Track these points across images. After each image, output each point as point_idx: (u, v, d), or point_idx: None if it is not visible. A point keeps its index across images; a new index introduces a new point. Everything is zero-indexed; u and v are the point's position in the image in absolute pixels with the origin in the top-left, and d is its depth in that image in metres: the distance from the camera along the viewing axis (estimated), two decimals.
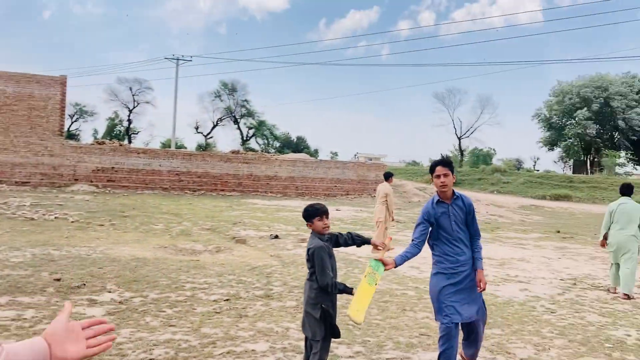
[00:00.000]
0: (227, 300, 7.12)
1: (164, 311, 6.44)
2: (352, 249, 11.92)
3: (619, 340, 6.26)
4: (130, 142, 65.07)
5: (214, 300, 7.07)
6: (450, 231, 4.82)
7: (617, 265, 8.94)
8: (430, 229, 4.87)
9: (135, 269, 8.74)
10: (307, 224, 4.38)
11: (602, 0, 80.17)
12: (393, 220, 12.31)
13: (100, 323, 1.51)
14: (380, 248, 4.84)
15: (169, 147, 50.37)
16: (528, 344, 5.92)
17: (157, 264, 9.35)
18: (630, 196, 9.13)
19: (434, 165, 4.89)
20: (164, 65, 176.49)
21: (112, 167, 28.58)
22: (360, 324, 4.85)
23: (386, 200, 12.16)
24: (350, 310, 4.32)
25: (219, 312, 6.52)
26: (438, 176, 4.81)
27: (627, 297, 8.54)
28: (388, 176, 12.46)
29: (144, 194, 26.96)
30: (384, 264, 4.56)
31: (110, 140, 38.92)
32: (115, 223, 14.80)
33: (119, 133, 68.33)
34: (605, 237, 9.24)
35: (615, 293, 8.90)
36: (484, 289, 4.79)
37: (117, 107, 67.47)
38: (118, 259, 9.61)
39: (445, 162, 4.90)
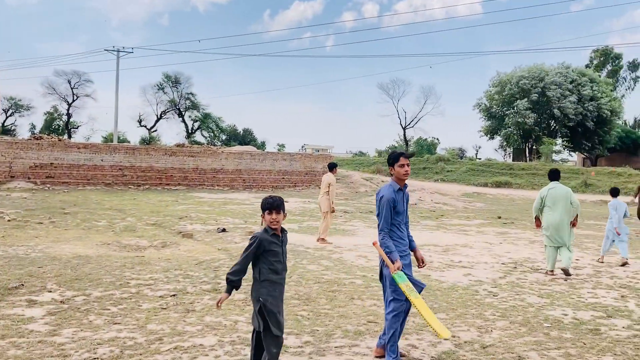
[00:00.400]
0: (173, 295, 7.01)
1: (108, 309, 6.28)
2: (300, 238, 11.95)
3: (557, 319, 6.54)
4: (70, 136, 62.85)
5: (160, 296, 6.95)
6: (403, 216, 5.09)
7: (553, 248, 9.33)
8: None
9: (77, 267, 8.48)
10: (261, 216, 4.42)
11: None
12: (333, 211, 12.40)
13: None
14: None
15: (111, 141, 49.00)
16: (472, 327, 6.11)
17: (100, 261, 9.10)
18: (558, 180, 9.54)
19: (398, 156, 5.11)
20: (104, 57, 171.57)
21: (51, 163, 27.55)
22: (449, 336, 5.02)
23: (328, 191, 12.26)
24: (437, 332, 4.67)
25: (165, 308, 6.41)
26: (402, 165, 5.06)
27: (568, 273, 9.12)
28: (332, 167, 12.56)
29: (86, 190, 26.14)
30: (398, 269, 4.87)
31: (48, 135, 37.48)
32: (55, 221, 14.30)
33: (58, 128, 65.85)
34: (538, 219, 9.64)
35: (553, 275, 9.29)
36: (425, 265, 5.43)
37: (55, 101, 65.06)
38: (59, 257, 9.29)
39: (407, 155, 5.21)
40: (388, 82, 79.30)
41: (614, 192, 11.69)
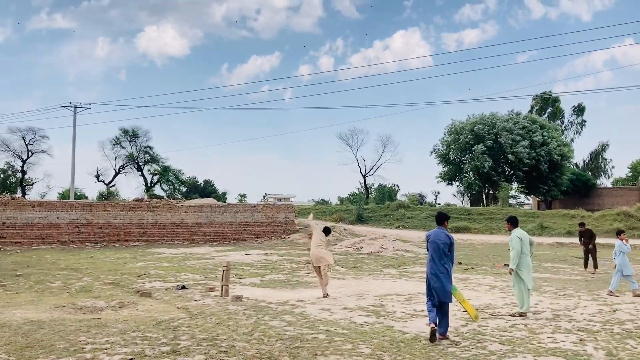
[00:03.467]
0: (131, 359, 6.78)
1: None
2: (262, 293, 11.77)
3: None
4: (24, 194, 61.03)
5: None
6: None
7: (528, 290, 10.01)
8: None
9: (29, 334, 8.13)
10: None
11: (483, 46, 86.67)
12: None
13: None
14: None
15: (68, 197, 47.88)
16: None
17: (54, 325, 8.75)
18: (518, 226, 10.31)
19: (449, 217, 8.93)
20: (60, 113, 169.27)
21: (3, 223, 26.65)
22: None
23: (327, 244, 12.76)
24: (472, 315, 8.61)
25: None
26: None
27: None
28: (328, 231, 13.31)
29: (40, 250, 25.30)
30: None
31: (1, 193, 36.37)
32: (5, 284, 13.75)
33: (11, 185, 63.98)
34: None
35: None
36: None
37: (9, 158, 63.37)
38: (8, 323, 8.90)
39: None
40: (347, 132, 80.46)
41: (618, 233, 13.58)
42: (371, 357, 7.00)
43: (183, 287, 13.09)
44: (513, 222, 10.48)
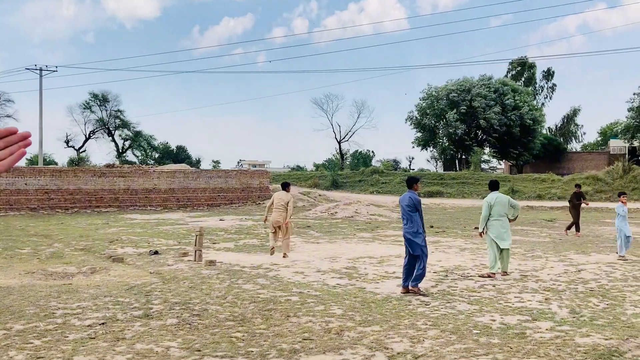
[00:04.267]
0: (102, 324, 6.76)
1: (31, 342, 5.99)
2: (236, 257, 11.81)
3: (485, 325, 6.77)
4: None
5: (88, 326, 6.69)
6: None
7: (496, 251, 10.22)
8: None
9: None
10: None
11: (458, 9, 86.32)
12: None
13: (9, 133, 1.27)
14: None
15: (37, 163, 46.93)
16: (404, 338, 6.22)
17: (23, 291, 8.66)
18: (497, 190, 10.44)
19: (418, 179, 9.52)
20: (26, 76, 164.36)
21: None
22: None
23: (287, 209, 12.64)
24: None
25: (93, 338, 6.18)
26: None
27: (506, 274, 10.23)
28: (286, 185, 13.19)
29: (8, 216, 24.87)
30: None
31: None
32: None
33: None
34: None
35: (505, 275, 10.16)
36: None
37: None
38: None
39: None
40: (322, 97, 80.00)
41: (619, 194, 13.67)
42: (343, 317, 7.11)
43: (156, 253, 13.04)
44: (490, 186, 10.97)
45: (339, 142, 67.41)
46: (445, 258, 12.53)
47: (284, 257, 12.29)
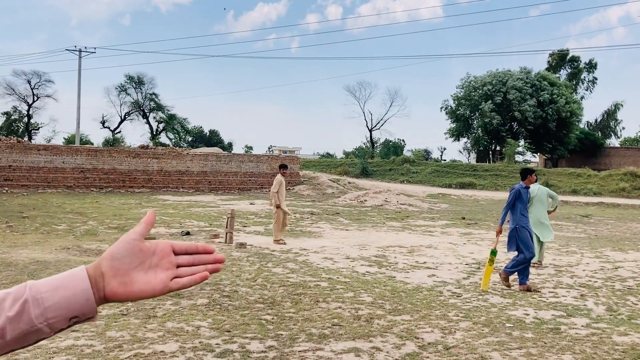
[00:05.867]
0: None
1: None
2: (265, 241, 11.85)
3: (518, 319, 6.63)
4: (30, 138, 61.12)
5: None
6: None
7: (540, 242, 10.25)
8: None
9: (34, 273, 8.22)
10: None
11: None
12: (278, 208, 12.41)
13: (205, 252, 1.07)
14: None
15: (73, 142, 47.93)
16: (435, 328, 6.14)
17: (59, 266, 8.85)
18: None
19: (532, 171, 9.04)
20: (65, 57, 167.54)
21: (9, 166, 26.74)
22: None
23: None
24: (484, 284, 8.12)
25: (125, 315, 6.26)
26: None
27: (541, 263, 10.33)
28: (283, 167, 12.90)
29: (46, 193, 25.47)
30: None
31: (7, 137, 36.39)
32: (12, 225, 13.87)
33: (18, 129, 64.00)
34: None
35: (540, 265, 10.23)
36: None
37: (14, 102, 63.14)
38: (15, 263, 9.00)
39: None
40: (354, 84, 79.49)
41: None
42: (372, 305, 7.06)
43: (187, 233, 13.18)
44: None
45: (370, 130, 67.02)
46: (477, 250, 12.35)
47: (273, 242, 12.11)
